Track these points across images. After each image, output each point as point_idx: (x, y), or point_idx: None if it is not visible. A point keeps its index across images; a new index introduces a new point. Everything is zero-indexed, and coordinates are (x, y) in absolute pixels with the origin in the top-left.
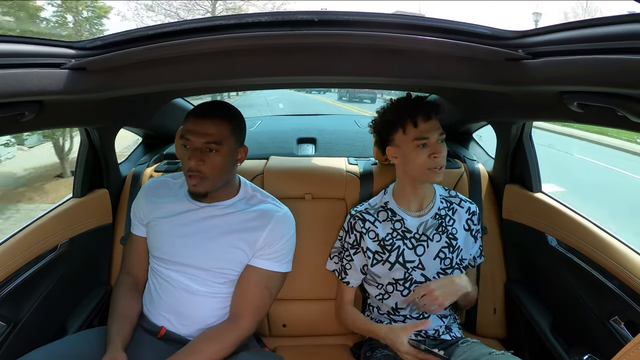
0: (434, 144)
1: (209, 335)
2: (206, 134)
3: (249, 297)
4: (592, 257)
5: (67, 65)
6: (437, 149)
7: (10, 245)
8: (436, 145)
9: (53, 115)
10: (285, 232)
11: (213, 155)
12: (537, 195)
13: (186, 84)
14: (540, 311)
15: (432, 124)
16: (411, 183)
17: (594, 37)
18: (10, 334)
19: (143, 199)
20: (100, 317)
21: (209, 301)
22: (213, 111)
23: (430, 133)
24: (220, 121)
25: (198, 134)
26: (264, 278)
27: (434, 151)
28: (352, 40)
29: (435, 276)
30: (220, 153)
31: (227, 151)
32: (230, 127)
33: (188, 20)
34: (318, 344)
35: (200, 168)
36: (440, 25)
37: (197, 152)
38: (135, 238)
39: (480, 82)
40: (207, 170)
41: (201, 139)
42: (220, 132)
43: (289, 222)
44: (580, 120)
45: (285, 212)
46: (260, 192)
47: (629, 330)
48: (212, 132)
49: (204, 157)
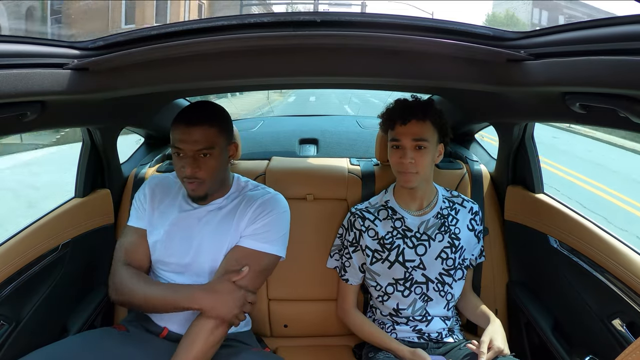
0: (405, 148)
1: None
2: (196, 142)
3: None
4: (594, 259)
5: (70, 66)
6: (406, 152)
7: (12, 245)
8: (407, 149)
9: (55, 115)
10: (270, 210)
11: (207, 160)
12: (538, 196)
13: (188, 84)
14: (542, 312)
15: (409, 127)
16: (400, 183)
17: (596, 38)
18: (12, 334)
19: (148, 196)
20: (101, 318)
21: None
22: (199, 117)
23: (403, 136)
24: (208, 127)
25: (188, 142)
26: (247, 257)
27: (403, 154)
28: (354, 41)
29: (437, 276)
30: (213, 156)
31: (219, 153)
32: (218, 129)
33: (190, 21)
34: (319, 344)
35: (196, 174)
36: (442, 26)
37: (191, 160)
38: (139, 231)
39: (482, 83)
40: (204, 174)
41: (193, 147)
42: (210, 137)
43: (274, 202)
44: (583, 122)
45: (273, 195)
46: (250, 183)
47: (631, 332)
48: (202, 138)
49: (198, 163)
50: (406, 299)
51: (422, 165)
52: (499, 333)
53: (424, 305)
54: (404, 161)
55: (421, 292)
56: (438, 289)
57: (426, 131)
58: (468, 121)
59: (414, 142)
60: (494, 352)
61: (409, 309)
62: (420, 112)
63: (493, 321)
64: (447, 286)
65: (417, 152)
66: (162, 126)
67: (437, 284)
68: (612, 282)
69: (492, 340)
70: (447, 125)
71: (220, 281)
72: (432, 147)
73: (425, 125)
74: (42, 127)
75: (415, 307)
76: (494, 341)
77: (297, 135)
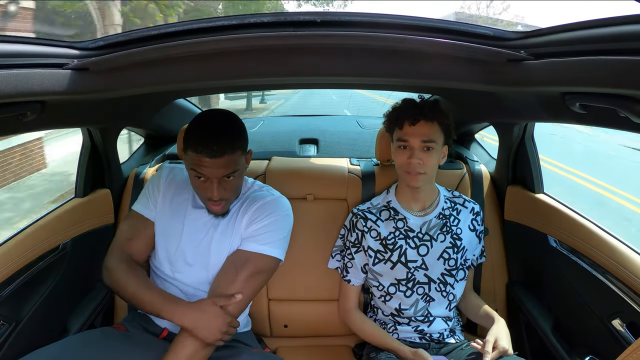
0: (413, 148)
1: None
2: (222, 168)
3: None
4: (594, 258)
5: (70, 66)
6: (414, 153)
7: (12, 245)
8: (415, 150)
9: (55, 115)
10: (271, 212)
11: (231, 181)
12: (538, 196)
13: (188, 84)
14: (542, 312)
15: (418, 128)
16: (404, 182)
17: (596, 38)
18: (12, 334)
19: (162, 187)
20: (102, 318)
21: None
22: (222, 146)
23: (411, 137)
24: (231, 153)
25: (212, 168)
26: (245, 260)
27: (411, 155)
28: (354, 41)
29: (439, 277)
30: (237, 175)
31: (241, 170)
32: (240, 150)
33: (191, 21)
34: (319, 344)
35: (223, 196)
36: (443, 26)
37: (216, 184)
38: (144, 221)
39: (482, 83)
40: (229, 194)
41: (217, 172)
42: (234, 162)
43: (276, 205)
44: (583, 122)
45: (276, 198)
46: (256, 184)
47: (631, 332)
48: (227, 164)
49: (224, 185)
50: (408, 299)
51: (429, 166)
52: (503, 333)
53: (426, 306)
54: (412, 161)
55: (423, 292)
56: (440, 289)
57: (434, 132)
58: (468, 121)
59: (423, 144)
60: (498, 352)
61: (411, 309)
62: (429, 113)
63: (497, 321)
64: (449, 286)
65: (425, 153)
66: (162, 126)
67: (439, 284)
68: (612, 282)
69: (497, 340)
70: (452, 127)
71: (209, 303)
72: (439, 149)
73: (434, 127)
74: (42, 127)
75: (417, 307)
76: (498, 341)
77: (297, 135)
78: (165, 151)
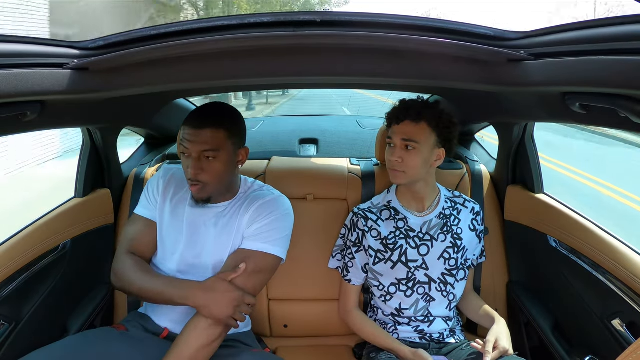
0: (395, 146)
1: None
2: (202, 143)
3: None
4: (594, 259)
5: (70, 66)
6: (395, 151)
7: (12, 244)
8: (396, 148)
9: (55, 115)
10: (271, 211)
11: (211, 163)
12: (538, 196)
13: (188, 84)
14: (542, 312)
15: (401, 127)
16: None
17: (596, 38)
18: (12, 334)
19: (162, 187)
20: (101, 318)
21: None
22: (208, 118)
23: (394, 135)
24: (216, 129)
25: (194, 142)
26: (247, 258)
27: (392, 152)
28: (354, 41)
29: (440, 277)
30: (218, 159)
31: (225, 157)
32: (227, 132)
33: (191, 21)
34: (319, 344)
35: (199, 177)
36: (443, 26)
37: (195, 161)
38: (146, 221)
39: (482, 83)
40: (207, 178)
41: (198, 147)
42: (217, 139)
43: (276, 204)
44: (583, 122)
45: (277, 197)
46: (257, 184)
47: (631, 332)
48: (208, 140)
49: (202, 165)
50: (409, 299)
51: (409, 166)
52: (504, 333)
53: (426, 306)
54: (391, 158)
55: (424, 292)
56: (440, 289)
57: (418, 133)
58: (468, 121)
59: (403, 142)
60: (499, 352)
61: (412, 309)
62: (414, 113)
63: (498, 321)
64: (450, 286)
65: (406, 151)
66: (162, 126)
67: (440, 284)
68: (612, 282)
69: (498, 340)
70: (452, 131)
71: (217, 280)
72: (425, 149)
73: (419, 127)
74: (42, 127)
75: (417, 307)
76: (499, 341)
77: (297, 135)
78: (165, 151)
